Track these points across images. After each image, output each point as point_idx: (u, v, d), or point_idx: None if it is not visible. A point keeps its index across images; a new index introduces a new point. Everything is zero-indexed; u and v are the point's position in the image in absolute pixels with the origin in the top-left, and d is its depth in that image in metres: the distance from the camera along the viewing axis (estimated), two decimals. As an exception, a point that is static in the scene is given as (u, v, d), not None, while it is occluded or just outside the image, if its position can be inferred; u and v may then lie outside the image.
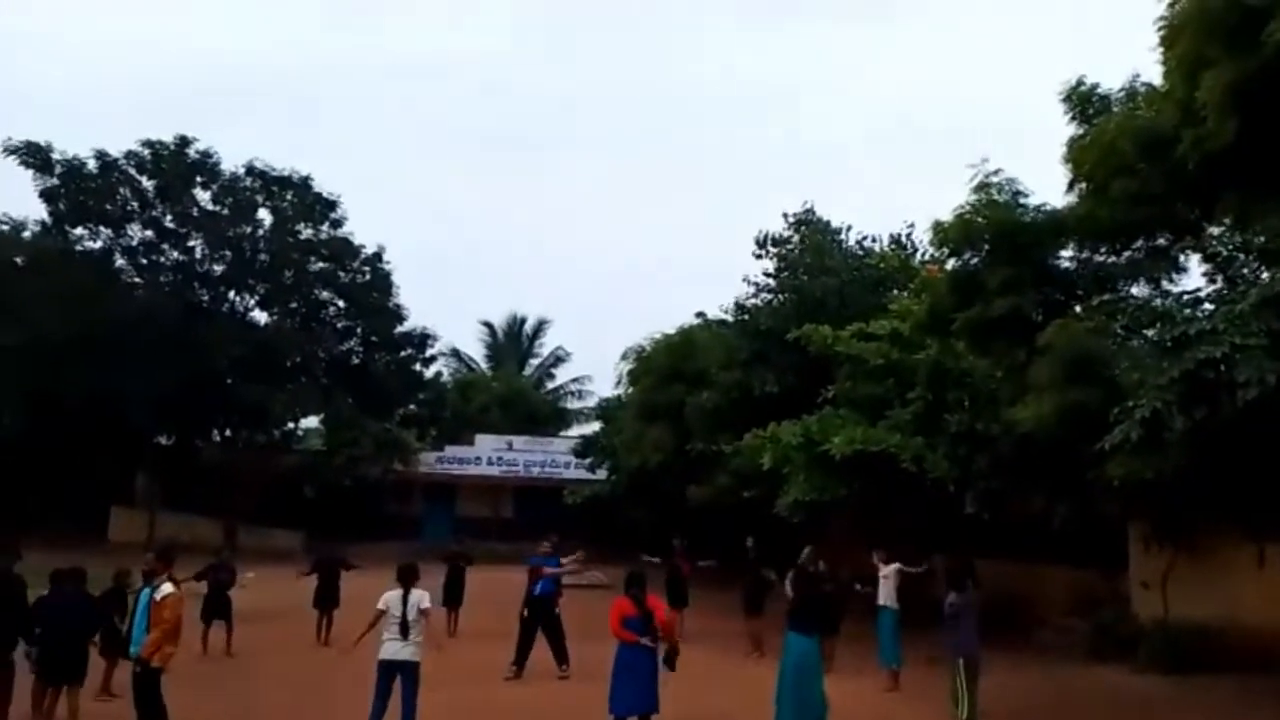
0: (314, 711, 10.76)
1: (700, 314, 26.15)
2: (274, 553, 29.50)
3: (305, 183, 33.74)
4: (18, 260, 30.09)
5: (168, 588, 8.45)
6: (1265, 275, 11.50)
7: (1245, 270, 12.49)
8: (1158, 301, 12.62)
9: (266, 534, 32.27)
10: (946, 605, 10.19)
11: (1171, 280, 12.98)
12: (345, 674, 11.97)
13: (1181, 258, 12.96)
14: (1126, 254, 13.03)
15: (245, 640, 14.49)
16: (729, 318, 24.11)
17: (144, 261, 33.01)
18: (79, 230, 32.22)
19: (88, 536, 27.41)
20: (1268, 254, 11.69)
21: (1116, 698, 12.33)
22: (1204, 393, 9.45)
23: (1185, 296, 12.30)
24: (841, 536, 18.29)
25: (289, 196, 33.70)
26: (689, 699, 10.89)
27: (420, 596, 8.88)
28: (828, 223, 22.82)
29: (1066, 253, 13.52)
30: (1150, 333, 11.32)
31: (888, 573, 13.16)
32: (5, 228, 31.17)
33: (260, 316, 34.76)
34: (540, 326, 48.88)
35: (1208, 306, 11.31)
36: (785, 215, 22.66)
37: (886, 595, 13.03)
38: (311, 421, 36.47)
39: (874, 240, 23.13)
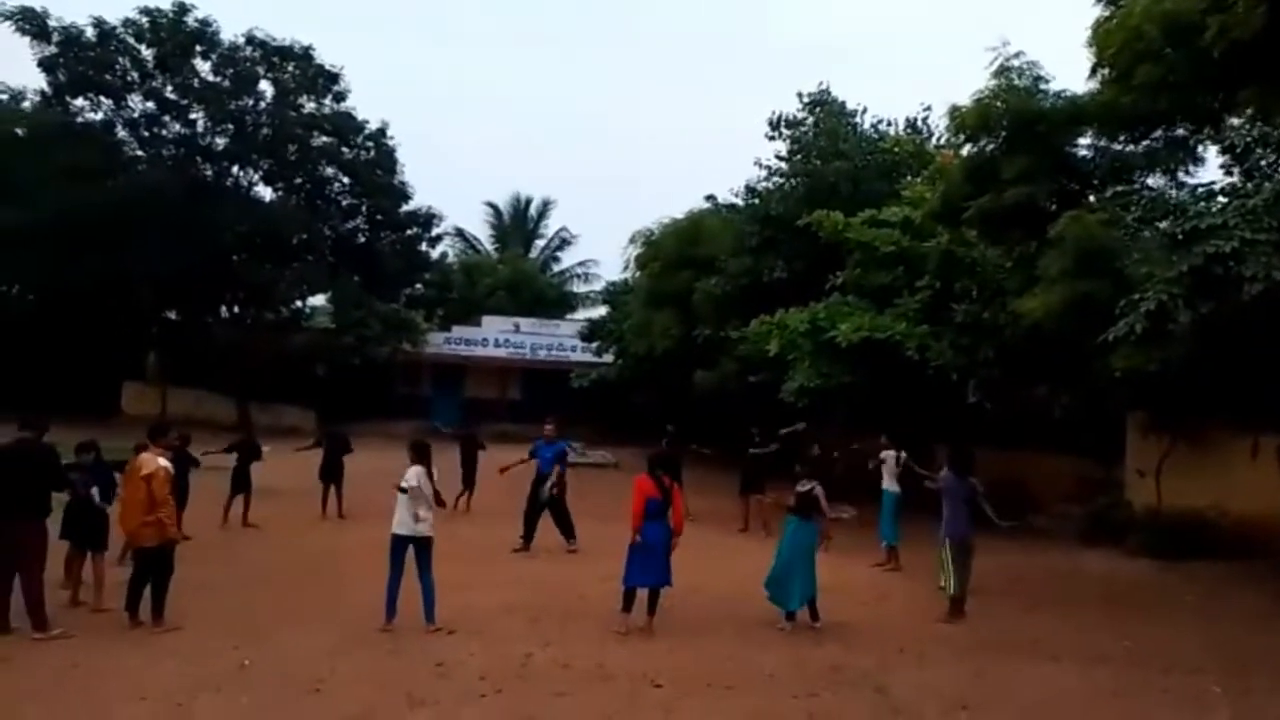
0: (328, 577, 11.17)
1: (710, 197, 25.94)
2: (287, 430, 30.01)
3: (307, 53, 32.88)
4: (19, 132, 29.66)
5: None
6: (1282, 169, 11.40)
7: (1263, 163, 12.33)
8: (1172, 193, 12.51)
9: (279, 411, 32.69)
10: (947, 488, 10.44)
11: (1188, 172, 12.85)
12: (357, 543, 12.46)
13: (1200, 149, 12.79)
14: (1145, 143, 12.87)
15: (260, 513, 14.92)
16: (739, 202, 23.87)
17: (146, 134, 32.45)
18: (79, 101, 31.60)
19: (101, 412, 27.87)
20: (1287, 147, 11.54)
21: (1105, 579, 12.76)
22: (1211, 287, 9.50)
23: (1200, 189, 12.19)
24: (845, 422, 18.58)
25: (290, 68, 32.87)
26: (691, 574, 11.36)
27: (414, 474, 9.00)
28: (843, 104, 22.27)
29: (1084, 141, 13.34)
30: (1163, 225, 11.25)
31: (887, 457, 13.43)
32: (4, 97, 30.63)
33: (265, 193, 34.39)
34: (545, 207, 48.43)
35: (1222, 200, 11.23)
36: (800, 95, 22.15)
37: (888, 478, 13.33)
38: (319, 300, 36.55)
39: (889, 124, 22.72)
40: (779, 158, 22.08)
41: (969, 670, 8.20)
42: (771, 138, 22.11)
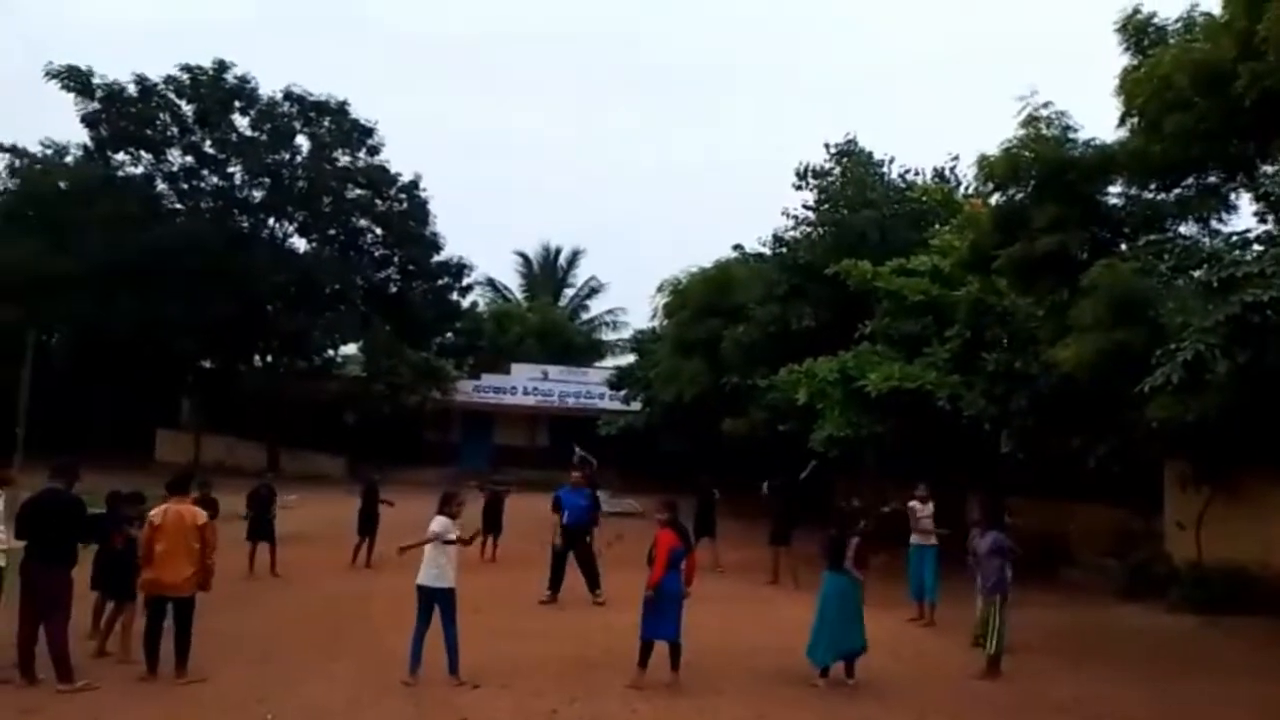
0: (356, 627, 11.11)
1: (738, 247, 26.01)
2: (316, 477, 30.16)
3: (342, 108, 33.67)
4: (62, 185, 30.42)
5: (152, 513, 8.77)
6: (1319, 217, 11.25)
7: (1299, 211, 12.17)
8: (1206, 241, 12.36)
9: (309, 459, 32.93)
10: (983, 542, 10.22)
11: (1221, 220, 12.68)
12: (384, 592, 12.39)
13: (1233, 196, 12.65)
14: (1176, 191, 12.75)
15: (288, 560, 14.91)
16: (767, 251, 23.88)
17: (185, 187, 33.25)
18: (120, 156, 32.47)
19: (136, 458, 28.17)
20: (1323, 195, 11.40)
21: (1146, 636, 12.40)
22: (1249, 336, 9.32)
23: (1234, 237, 12.03)
24: (875, 473, 18.36)
25: (326, 122, 33.67)
26: (722, 629, 11.20)
27: (442, 525, 8.98)
28: (870, 154, 22.39)
29: (1115, 189, 13.25)
30: (1197, 273, 11.09)
31: (927, 512, 13.14)
32: (49, 152, 31.47)
33: (299, 244, 35.02)
34: (575, 257, 48.90)
35: (1257, 248, 11.08)
36: (827, 146, 22.26)
37: (924, 532, 13.07)
38: (351, 349, 36.93)
39: (917, 173, 22.76)
40: (806, 207, 22.15)
41: (1006, 731, 7.97)
42: (799, 187, 22.23)
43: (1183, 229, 12.93)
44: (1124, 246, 12.79)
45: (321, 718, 7.56)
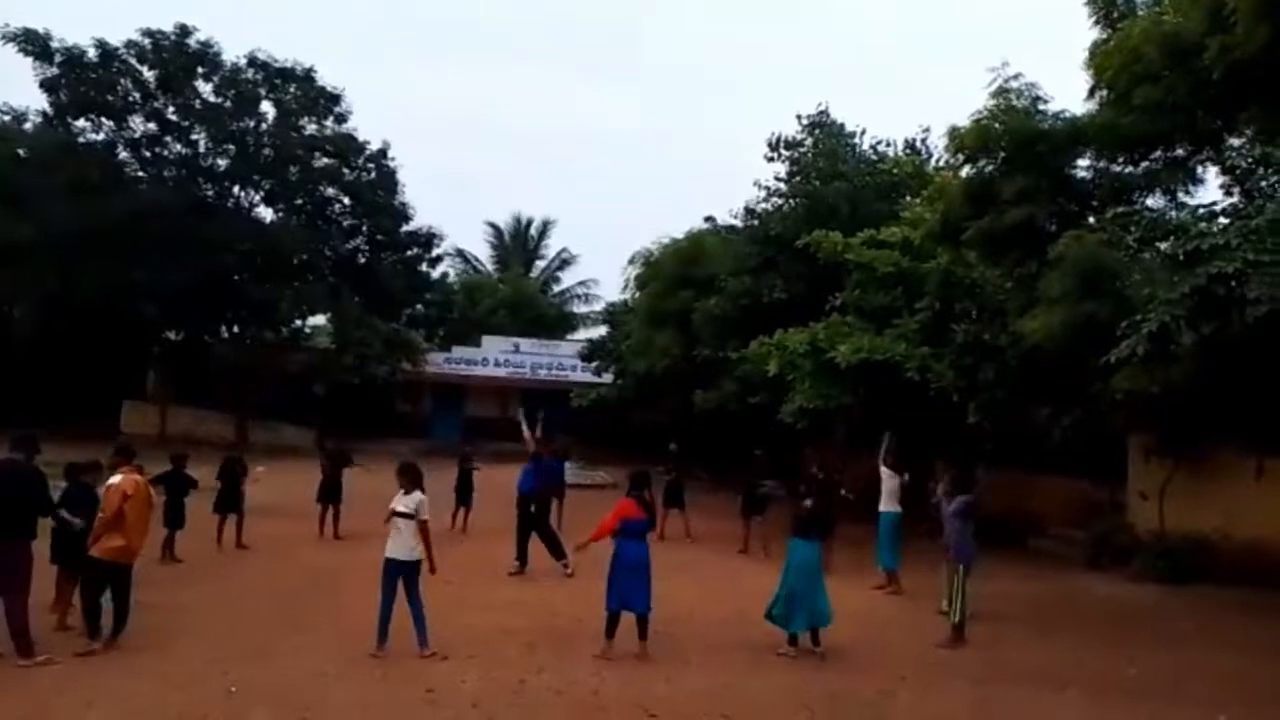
0: (324, 597, 11.04)
1: (709, 218, 25.98)
2: (285, 449, 29.91)
3: (308, 75, 32.98)
4: (21, 152, 29.72)
5: (112, 479, 8.73)
6: (1284, 189, 11.34)
7: (1264, 184, 12.29)
8: (1173, 214, 12.45)
9: (278, 430, 32.63)
10: (948, 506, 10.31)
11: (1188, 192, 12.81)
12: (353, 564, 12.32)
13: (1200, 169, 12.76)
14: (1144, 164, 12.83)
15: (256, 532, 14.78)
16: (738, 223, 23.86)
17: (147, 155, 32.53)
18: (81, 122, 31.65)
19: (102, 430, 27.76)
20: (1289, 167, 11.49)
21: (1109, 604, 12.60)
22: (1214, 308, 9.40)
23: (1201, 210, 12.12)
24: (843, 443, 18.47)
25: (292, 89, 32.97)
26: (691, 598, 11.24)
27: (416, 500, 8.87)
28: (841, 126, 22.34)
29: (1084, 162, 13.31)
30: (1164, 246, 11.18)
31: (890, 478, 13.25)
32: (7, 118, 30.72)
33: (266, 213, 34.40)
34: (546, 228, 48.61)
35: (1223, 220, 11.16)
36: (799, 117, 22.19)
37: (888, 499, 13.18)
38: (320, 320, 36.52)
39: (888, 145, 22.73)
40: (778, 179, 22.13)
41: (973, 699, 8.06)
42: (771, 159, 22.16)
43: (1150, 201, 13.04)
44: (1092, 219, 12.87)
45: (287, 691, 7.50)
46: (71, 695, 7.25)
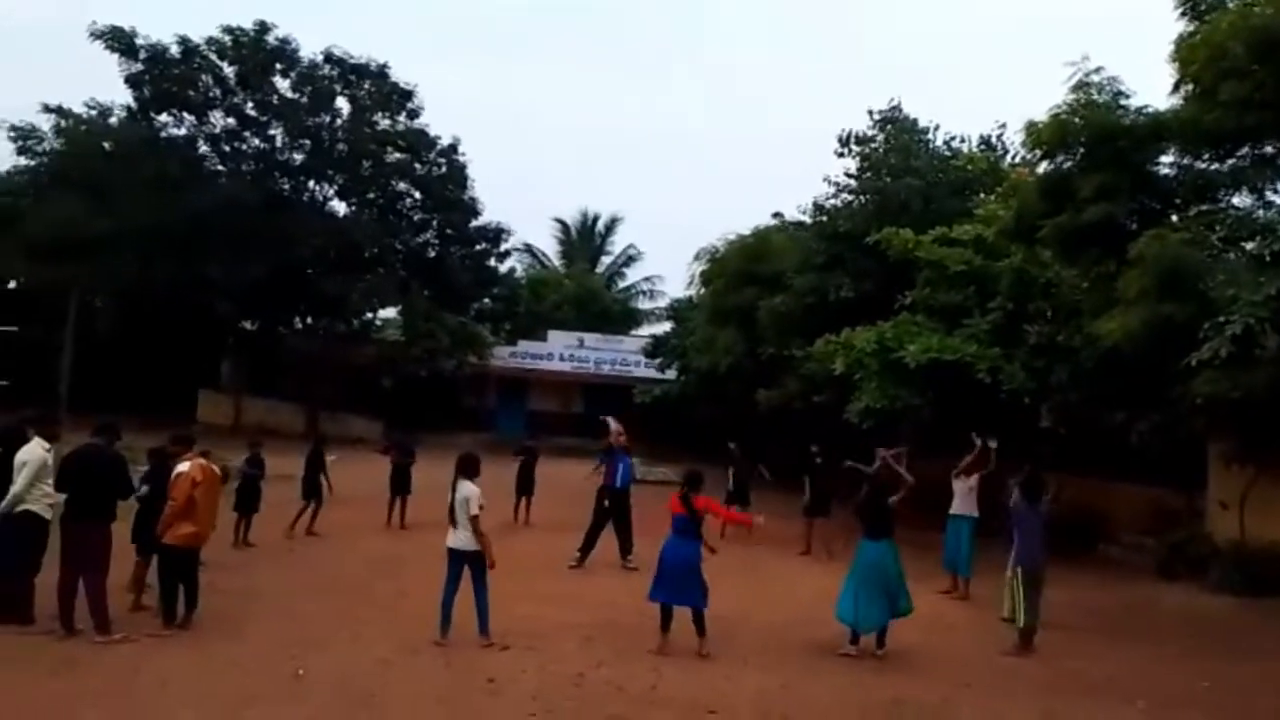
0: (388, 586, 11.21)
1: (777, 214, 25.75)
2: (353, 439, 30.47)
3: (382, 71, 33.61)
4: (106, 146, 30.73)
5: (180, 467, 8.86)
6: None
7: (1358, 183, 11.79)
8: (1260, 213, 12.02)
9: (345, 421, 33.25)
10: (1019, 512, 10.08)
11: (1276, 191, 12.32)
12: (417, 553, 12.51)
13: (1289, 168, 12.26)
14: (1230, 161, 12.40)
15: (325, 520, 15.08)
16: (806, 219, 23.60)
17: (226, 149, 33.44)
18: (163, 117, 32.68)
19: (179, 419, 28.59)
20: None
21: (1184, 615, 12.21)
22: (1302, 311, 9.05)
23: (1290, 209, 11.68)
24: (913, 445, 18.14)
25: (366, 85, 33.63)
26: (751, 599, 11.18)
27: (469, 492, 8.85)
28: (914, 121, 21.92)
29: (1166, 158, 12.92)
30: (1249, 246, 10.82)
31: (970, 483, 12.91)
32: (93, 113, 31.77)
33: (339, 207, 35.13)
34: (613, 224, 48.74)
35: (1314, 220, 10.75)
36: (870, 112, 21.83)
37: (963, 503, 12.84)
38: (389, 313, 37.14)
39: (962, 140, 22.28)
40: (848, 175, 21.78)
41: (1038, 709, 7.86)
42: (841, 154, 21.83)
43: (1235, 200, 12.59)
44: (1174, 217, 12.49)
45: (352, 677, 7.63)
46: (147, 675, 7.47)
